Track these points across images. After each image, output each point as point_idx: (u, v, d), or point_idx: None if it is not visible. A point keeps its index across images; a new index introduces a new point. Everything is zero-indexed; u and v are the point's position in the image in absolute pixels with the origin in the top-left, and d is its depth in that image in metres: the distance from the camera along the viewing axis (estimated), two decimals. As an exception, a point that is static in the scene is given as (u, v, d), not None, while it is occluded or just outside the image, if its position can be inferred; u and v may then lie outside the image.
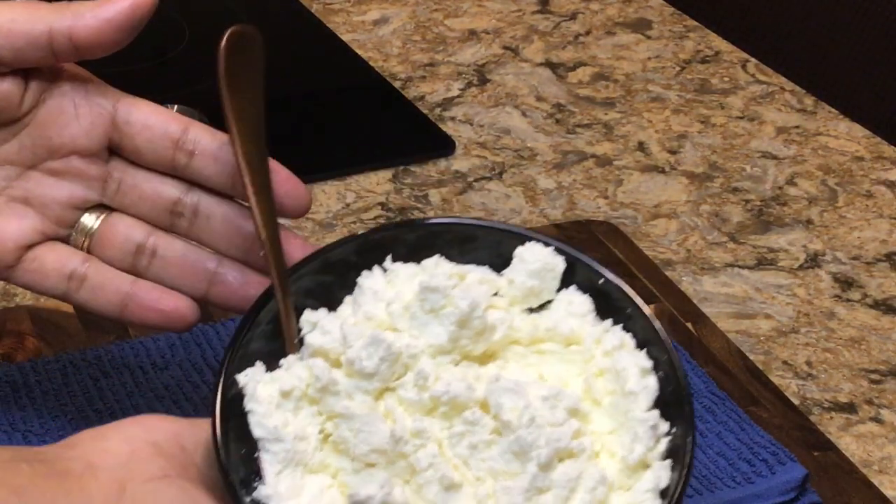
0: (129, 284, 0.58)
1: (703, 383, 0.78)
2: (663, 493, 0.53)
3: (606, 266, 0.58)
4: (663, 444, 0.54)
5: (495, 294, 0.58)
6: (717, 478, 0.72)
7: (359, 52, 1.18)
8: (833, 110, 1.14)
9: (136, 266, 0.58)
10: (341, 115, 1.09)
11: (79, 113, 0.57)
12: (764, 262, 0.95)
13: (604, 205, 1.00)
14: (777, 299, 0.91)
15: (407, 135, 1.07)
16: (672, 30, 1.26)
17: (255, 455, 0.53)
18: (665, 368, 0.56)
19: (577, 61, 1.20)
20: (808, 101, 1.16)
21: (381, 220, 0.95)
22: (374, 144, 1.06)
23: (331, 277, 0.58)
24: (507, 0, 1.29)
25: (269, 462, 0.53)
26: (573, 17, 1.27)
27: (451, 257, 0.59)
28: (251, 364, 0.55)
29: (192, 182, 0.58)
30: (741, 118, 1.12)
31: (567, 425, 0.53)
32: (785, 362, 0.85)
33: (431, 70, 1.16)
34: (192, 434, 0.54)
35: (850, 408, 0.82)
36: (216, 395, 0.53)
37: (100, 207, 0.59)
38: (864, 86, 1.33)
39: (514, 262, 0.59)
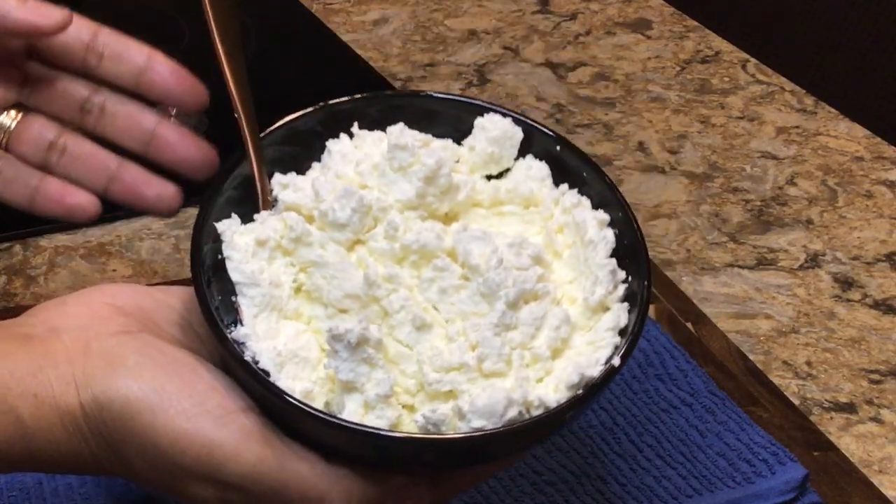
0: (38, 179, 0.62)
1: (703, 383, 0.78)
2: (622, 332, 0.56)
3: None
4: (621, 289, 0.57)
5: (457, 162, 0.61)
6: (717, 478, 0.72)
7: (359, 52, 1.18)
8: (833, 110, 1.14)
9: (48, 161, 0.63)
10: (341, 115, 1.09)
11: None
12: (764, 262, 0.95)
13: (604, 205, 1.00)
14: (777, 299, 0.91)
15: (407, 135, 1.07)
16: (672, 30, 1.26)
17: (232, 300, 0.55)
18: (621, 226, 0.59)
19: (577, 61, 1.20)
20: (808, 101, 1.16)
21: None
22: (374, 144, 1.06)
23: (296, 147, 0.60)
24: (507, 0, 1.29)
25: (246, 305, 0.55)
26: (573, 17, 1.27)
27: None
28: (227, 216, 0.57)
29: (101, 82, 0.62)
30: (741, 118, 1.12)
31: (532, 270, 0.56)
32: (785, 362, 0.85)
33: (431, 70, 1.16)
34: (151, 296, 0.57)
35: (850, 408, 0.82)
36: (194, 240, 0.55)
37: (17, 107, 0.63)
38: (864, 86, 1.33)
39: (475, 130, 0.61)
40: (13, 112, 0.63)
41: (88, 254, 0.90)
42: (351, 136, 0.60)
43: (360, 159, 0.59)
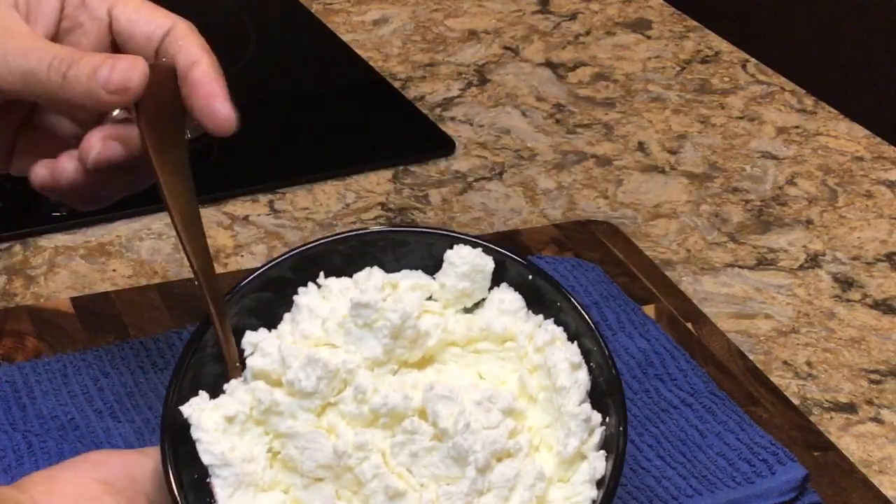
0: None
1: (703, 383, 0.78)
2: (599, 483, 0.55)
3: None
4: (598, 434, 0.56)
5: (429, 298, 0.60)
6: (717, 478, 0.72)
7: (359, 52, 1.18)
8: (833, 110, 1.14)
9: None
10: (342, 116, 1.09)
11: (85, 30, 0.64)
12: (764, 262, 0.95)
13: (604, 205, 1.00)
14: (777, 299, 0.91)
15: (407, 135, 1.07)
16: (672, 30, 1.26)
17: (207, 480, 0.55)
18: (597, 359, 0.58)
19: (577, 61, 1.20)
20: (808, 101, 1.16)
21: (382, 221, 0.95)
22: (374, 144, 1.06)
23: (269, 294, 0.61)
24: (507, 0, 1.29)
25: (220, 486, 0.55)
26: (573, 17, 1.27)
27: (385, 264, 0.61)
28: (195, 392, 0.57)
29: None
30: (741, 118, 1.13)
31: (502, 426, 0.55)
32: (785, 362, 0.85)
33: (431, 70, 1.16)
34: (142, 464, 0.58)
35: (850, 408, 0.82)
36: (163, 426, 0.56)
37: None
38: (864, 86, 1.33)
39: (445, 265, 0.60)
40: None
41: (88, 254, 0.90)
42: (318, 285, 0.60)
43: (327, 315, 0.58)
